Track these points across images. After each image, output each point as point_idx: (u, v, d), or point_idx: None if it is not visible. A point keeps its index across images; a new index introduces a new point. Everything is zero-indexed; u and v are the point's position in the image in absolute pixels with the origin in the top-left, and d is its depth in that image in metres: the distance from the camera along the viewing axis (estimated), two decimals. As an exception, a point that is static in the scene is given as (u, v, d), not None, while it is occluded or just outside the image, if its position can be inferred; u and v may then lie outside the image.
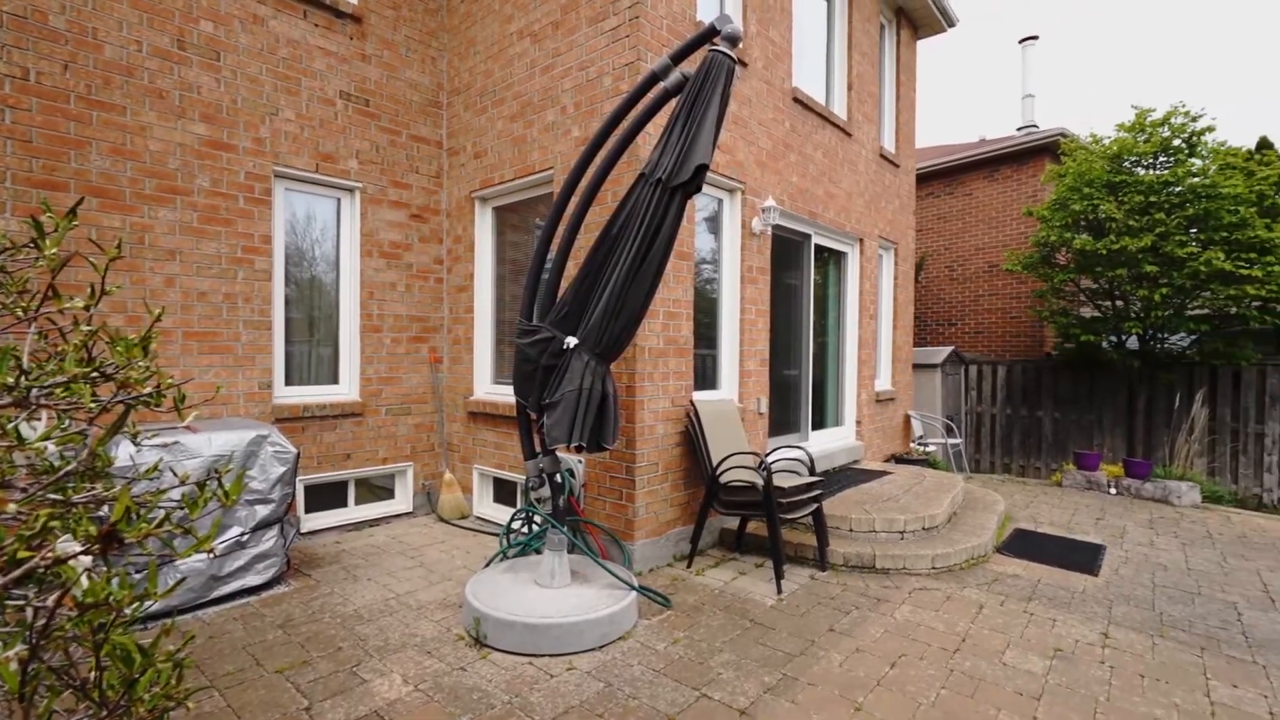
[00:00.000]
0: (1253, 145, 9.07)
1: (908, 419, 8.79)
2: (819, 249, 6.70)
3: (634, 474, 4.32)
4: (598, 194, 3.80)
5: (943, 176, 11.78)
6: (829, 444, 6.85)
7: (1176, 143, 7.68)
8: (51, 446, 1.25)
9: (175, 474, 1.39)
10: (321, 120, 5.10)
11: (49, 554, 1.03)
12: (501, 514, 5.42)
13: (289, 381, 5.08)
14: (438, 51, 5.93)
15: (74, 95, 3.97)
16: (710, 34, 3.29)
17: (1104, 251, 7.65)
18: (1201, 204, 7.22)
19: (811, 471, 4.78)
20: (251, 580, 3.80)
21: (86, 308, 1.35)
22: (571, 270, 3.86)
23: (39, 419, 1.30)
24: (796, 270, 6.41)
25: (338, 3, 5.13)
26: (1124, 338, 8.62)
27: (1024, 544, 5.21)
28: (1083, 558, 4.87)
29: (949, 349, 9.81)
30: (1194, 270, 7.14)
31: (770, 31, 5.65)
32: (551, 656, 3.14)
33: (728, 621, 3.59)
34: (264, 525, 3.85)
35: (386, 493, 5.70)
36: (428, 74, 5.85)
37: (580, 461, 4.61)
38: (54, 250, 1.32)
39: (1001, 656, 3.24)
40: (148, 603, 1.15)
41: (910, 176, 8.77)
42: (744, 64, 5.27)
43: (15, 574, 1.00)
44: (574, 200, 3.81)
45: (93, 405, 1.30)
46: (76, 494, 1.25)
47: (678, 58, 3.40)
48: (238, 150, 4.65)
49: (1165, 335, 8.23)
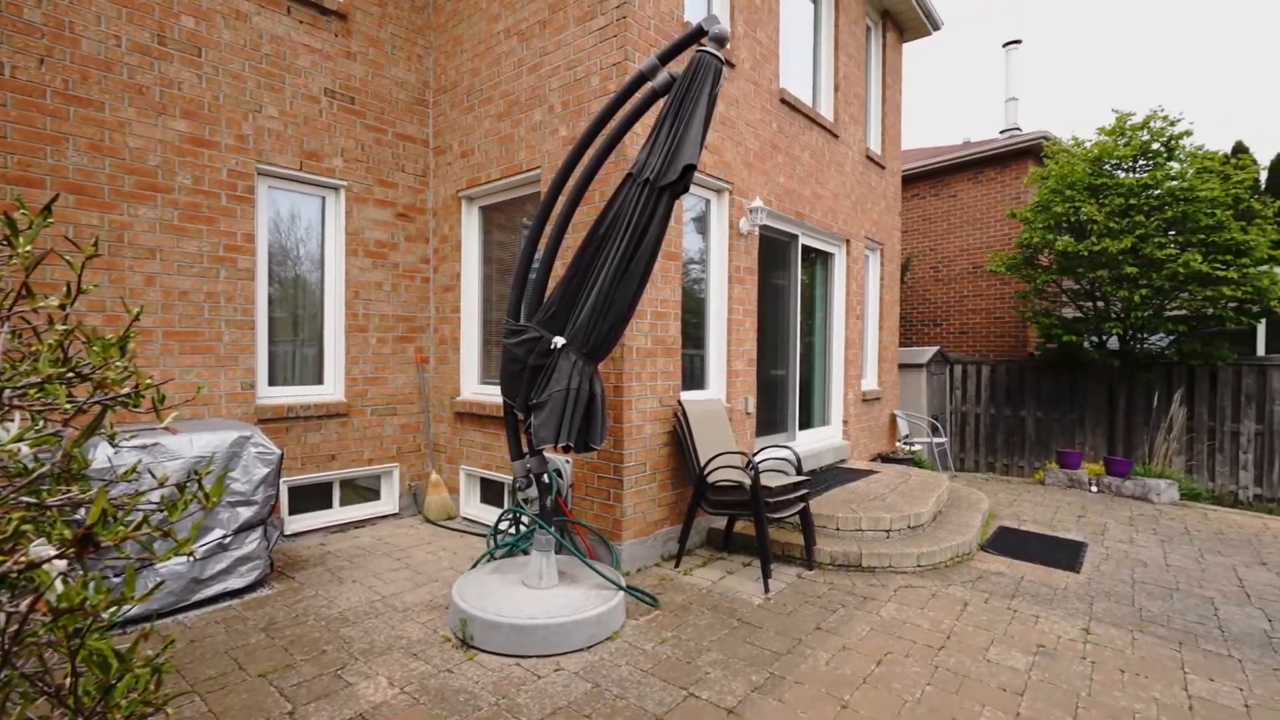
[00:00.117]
0: (1229, 149, 9.24)
1: (894, 418, 8.87)
2: (806, 249, 6.74)
3: (622, 474, 4.32)
4: (585, 193, 3.79)
5: (928, 178, 11.90)
6: (816, 443, 6.89)
7: (1155, 146, 7.82)
8: (25, 448, 1.22)
9: (154, 476, 1.37)
10: (306, 118, 5.04)
11: (22, 558, 1.01)
12: (488, 515, 5.39)
13: (273, 382, 5.02)
14: (424, 49, 5.89)
15: (50, 90, 3.89)
16: (698, 34, 3.30)
17: (1085, 253, 7.77)
18: (1180, 206, 7.36)
19: (798, 471, 4.81)
20: (234, 583, 3.75)
21: (62, 306, 1.32)
22: (559, 270, 3.85)
23: (12, 420, 1.27)
24: (784, 270, 6.44)
25: (322, -1, 5.08)
26: (1105, 338, 8.75)
27: (1008, 542, 5.28)
28: (1065, 555, 4.94)
29: (934, 349, 9.91)
30: (1172, 272, 7.28)
31: (757, 33, 5.67)
32: (539, 658, 3.13)
33: (715, 621, 3.60)
34: (247, 527, 3.80)
35: (372, 494, 5.65)
36: (414, 72, 5.80)
37: (568, 462, 4.60)
38: (28, 248, 1.29)
39: (985, 653, 3.27)
40: (125, 607, 1.13)
41: (896, 178, 8.85)
42: (731, 65, 5.29)
43: (-13, 579, 0.98)
44: (561, 199, 3.80)
45: (68, 406, 1.27)
46: (51, 496, 1.23)
47: (665, 58, 3.40)
48: (220, 147, 4.59)
49: (1145, 335, 8.38)
